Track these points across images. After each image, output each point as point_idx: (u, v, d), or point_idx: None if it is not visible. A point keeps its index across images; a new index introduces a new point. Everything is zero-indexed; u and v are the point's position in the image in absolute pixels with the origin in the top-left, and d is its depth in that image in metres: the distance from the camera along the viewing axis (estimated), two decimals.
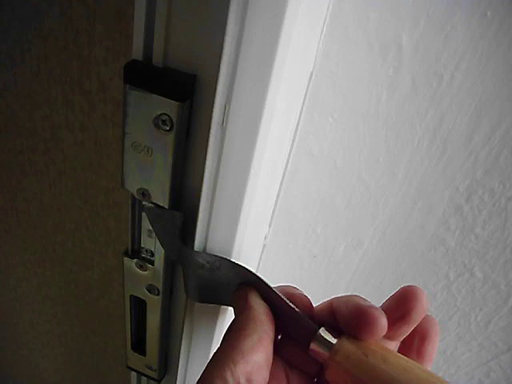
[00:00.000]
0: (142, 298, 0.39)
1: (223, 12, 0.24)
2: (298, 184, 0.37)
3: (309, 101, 0.33)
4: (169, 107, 0.28)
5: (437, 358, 0.44)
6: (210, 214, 0.30)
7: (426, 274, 0.39)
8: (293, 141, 0.35)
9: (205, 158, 0.28)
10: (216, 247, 0.32)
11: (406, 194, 0.36)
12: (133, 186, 0.32)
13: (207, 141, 0.27)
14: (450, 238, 0.37)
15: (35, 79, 0.56)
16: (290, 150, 0.35)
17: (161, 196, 0.32)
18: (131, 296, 0.40)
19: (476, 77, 0.31)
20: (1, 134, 0.62)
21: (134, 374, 0.50)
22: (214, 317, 0.36)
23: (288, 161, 0.36)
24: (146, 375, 0.46)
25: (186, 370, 0.43)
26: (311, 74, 0.32)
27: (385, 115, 0.33)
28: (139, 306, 0.41)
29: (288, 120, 0.31)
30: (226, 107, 0.25)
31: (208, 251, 0.32)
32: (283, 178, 0.37)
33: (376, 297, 0.43)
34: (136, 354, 0.45)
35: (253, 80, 0.24)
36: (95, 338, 0.74)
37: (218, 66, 0.25)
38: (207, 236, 0.31)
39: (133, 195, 0.33)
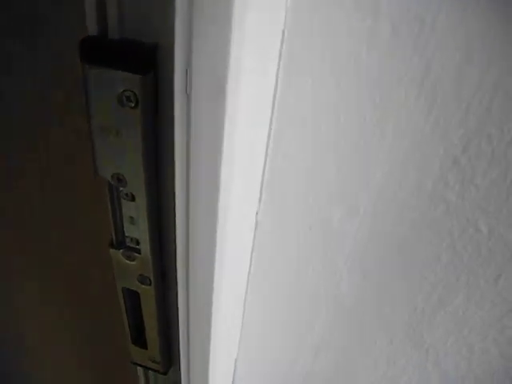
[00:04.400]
0: (135, 289, 0.38)
1: None
2: (283, 153, 0.35)
3: (284, 62, 0.31)
4: (131, 82, 0.26)
5: (447, 321, 0.43)
6: (188, 193, 0.28)
7: (428, 234, 0.38)
8: (272, 109, 0.33)
9: (173, 133, 0.26)
10: (198, 224, 0.30)
11: (397, 151, 0.34)
12: (107, 171, 0.30)
13: (173, 112, 0.25)
14: (449, 194, 0.35)
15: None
16: (271, 117, 0.33)
17: (136, 179, 0.30)
18: (123, 288, 0.38)
19: (461, 17, 0.29)
20: None
21: (140, 369, 0.49)
22: (209, 301, 0.35)
23: (270, 129, 0.33)
24: (150, 368, 0.45)
25: (188, 359, 0.41)
26: (283, 33, 0.30)
27: (367, 69, 0.31)
28: (134, 299, 0.39)
29: (262, 81, 0.29)
30: (187, 72, 0.23)
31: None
32: (267, 148, 0.35)
33: (378, 266, 0.41)
34: (138, 348, 0.44)
35: (213, 39, 0.22)
36: (99, 337, 0.73)
37: (173, 28, 0.22)
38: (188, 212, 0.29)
39: (109, 182, 0.31)
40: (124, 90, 0.26)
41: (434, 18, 0.29)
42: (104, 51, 0.26)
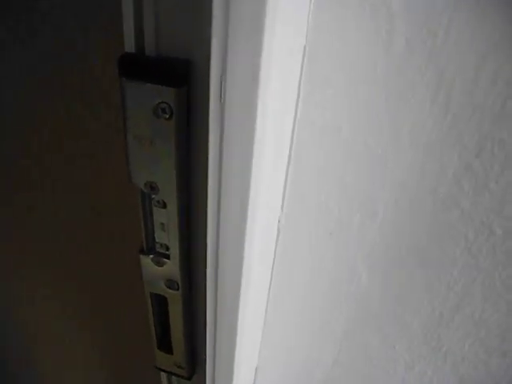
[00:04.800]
0: (163, 294, 0.39)
1: (205, 4, 0.23)
2: (305, 160, 0.37)
3: (306, 73, 0.33)
4: (166, 95, 0.28)
5: (465, 322, 0.44)
6: (219, 201, 0.30)
7: (443, 237, 0.39)
8: (295, 118, 0.35)
9: (207, 138, 0.28)
10: (228, 231, 0.32)
11: (413, 156, 0.35)
12: (140, 179, 0.32)
13: (207, 123, 0.27)
14: (463, 198, 0.36)
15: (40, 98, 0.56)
16: (294, 127, 0.35)
17: (169, 187, 0.31)
18: (151, 294, 0.40)
19: (471, 30, 0.30)
20: (8, 154, 0.63)
21: (163, 374, 0.50)
22: (236, 307, 0.36)
23: (293, 137, 0.35)
24: (175, 374, 0.46)
25: (214, 365, 0.42)
26: (305, 48, 0.32)
27: (383, 78, 0.32)
28: (161, 304, 0.41)
29: (287, 92, 0.31)
30: (221, 84, 0.25)
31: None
32: (289, 156, 0.37)
33: (396, 268, 0.42)
34: (163, 353, 0.45)
35: (245, 53, 0.24)
36: (122, 342, 0.74)
37: (209, 46, 0.24)
38: (219, 218, 0.31)
39: (142, 190, 0.33)
40: (159, 103, 0.28)
41: (445, 31, 0.31)
42: (141, 67, 0.28)
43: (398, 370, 0.49)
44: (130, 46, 0.29)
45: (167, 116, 0.28)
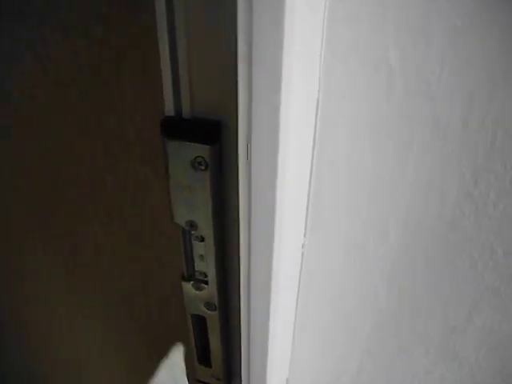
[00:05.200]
0: (202, 314, 0.45)
1: (231, 76, 0.29)
2: (323, 193, 0.42)
3: (321, 119, 0.38)
4: (202, 151, 0.33)
5: (477, 333, 0.47)
6: (249, 236, 0.35)
7: (451, 255, 0.43)
8: (312, 153, 0.40)
9: (237, 187, 0.33)
10: (257, 260, 0.37)
11: (417, 186, 0.40)
12: (181, 219, 0.38)
13: (237, 173, 0.32)
14: (465, 222, 0.41)
15: (79, 136, 0.63)
16: (312, 165, 0.40)
17: (206, 224, 0.37)
18: (192, 314, 0.45)
19: (460, 72, 0.35)
20: (52, 187, 0.69)
21: None
22: (267, 324, 0.41)
23: (311, 174, 0.40)
24: None
25: (248, 377, 0.47)
26: (317, 100, 0.37)
27: (386, 118, 0.37)
28: (200, 323, 0.46)
29: (303, 140, 0.36)
30: (248, 146, 0.30)
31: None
32: (309, 190, 0.42)
33: (411, 283, 0.47)
34: (203, 367, 0.50)
35: (267, 115, 0.30)
36: (158, 358, 0.80)
37: (237, 112, 0.30)
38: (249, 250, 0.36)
39: (183, 227, 0.38)
40: (196, 157, 0.34)
41: (438, 77, 0.35)
42: (179, 127, 0.34)
43: (416, 377, 0.53)
44: (169, 109, 0.35)
45: (203, 168, 0.34)
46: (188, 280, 0.42)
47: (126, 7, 0.47)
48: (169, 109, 0.35)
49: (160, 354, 0.76)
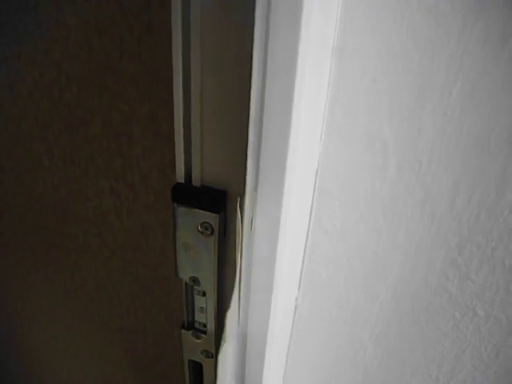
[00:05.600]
0: (199, 361, 0.47)
1: (242, 149, 0.32)
2: (318, 253, 0.45)
3: (318, 190, 0.41)
4: (209, 217, 0.36)
5: None
6: (248, 299, 0.38)
7: (435, 316, 0.46)
8: (309, 222, 0.43)
9: (241, 252, 0.36)
10: (255, 312, 0.40)
11: (407, 254, 0.43)
12: (185, 275, 0.40)
13: (241, 240, 0.35)
14: (450, 286, 0.44)
15: (85, 175, 0.66)
16: (308, 229, 0.43)
17: (209, 281, 0.40)
18: (189, 360, 0.48)
19: (449, 157, 0.38)
20: (58, 222, 0.72)
21: None
22: (260, 373, 0.44)
23: (307, 241, 0.43)
24: None
25: None
26: (317, 171, 0.40)
27: (380, 195, 0.41)
28: (196, 368, 0.48)
29: (302, 212, 0.39)
30: (252, 220, 0.33)
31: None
32: (305, 250, 0.45)
33: (397, 340, 0.49)
34: None
35: (271, 192, 0.33)
36: None
37: (244, 187, 0.33)
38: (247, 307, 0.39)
39: (186, 282, 0.41)
40: (203, 222, 0.37)
41: (428, 159, 0.39)
42: (190, 194, 0.37)
43: None
44: (180, 177, 0.38)
45: (209, 232, 0.37)
46: (188, 329, 0.45)
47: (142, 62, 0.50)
48: (179, 176, 0.38)
49: None
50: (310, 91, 0.33)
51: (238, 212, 0.33)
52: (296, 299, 0.48)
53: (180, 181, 0.38)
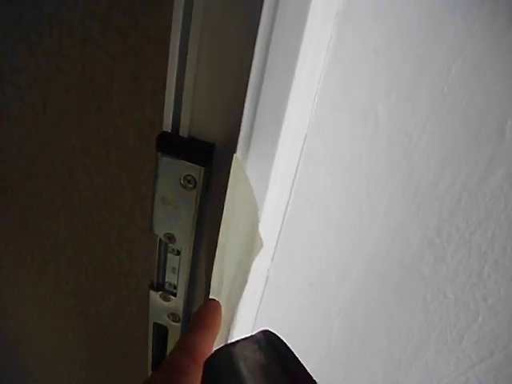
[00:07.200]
0: (165, 324, 0.45)
1: (240, 100, 0.31)
2: (296, 224, 0.44)
3: (304, 155, 0.40)
4: (194, 170, 0.35)
5: (420, 370, 0.51)
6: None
7: (406, 298, 0.46)
8: (291, 188, 0.42)
9: (222, 206, 0.34)
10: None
11: (385, 231, 0.43)
12: (160, 231, 0.39)
13: (225, 196, 0.34)
14: (424, 267, 0.44)
15: (55, 128, 0.63)
16: (289, 196, 0.42)
17: (185, 239, 0.38)
18: (154, 324, 0.46)
19: (439, 137, 0.38)
20: (21, 177, 0.68)
21: None
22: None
23: (287, 208, 0.42)
24: None
25: None
26: (306, 136, 0.39)
27: (365, 168, 0.40)
28: (161, 333, 0.47)
29: (287, 175, 0.38)
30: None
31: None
32: (283, 219, 0.44)
33: (364, 319, 0.49)
34: None
35: (264, 152, 0.32)
36: (110, 363, 0.79)
37: (231, 135, 0.32)
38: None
39: (160, 239, 0.40)
40: (186, 175, 0.35)
41: (418, 136, 0.38)
42: (175, 144, 0.35)
43: None
44: (167, 125, 0.36)
45: (191, 186, 0.35)
46: (157, 290, 0.43)
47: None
48: (167, 124, 0.36)
49: (117, 355, 0.76)
50: (313, 53, 0.32)
51: (234, 166, 0.32)
52: (268, 270, 0.47)
53: (166, 130, 0.36)
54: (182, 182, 0.36)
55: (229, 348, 0.26)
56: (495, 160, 0.38)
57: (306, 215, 0.43)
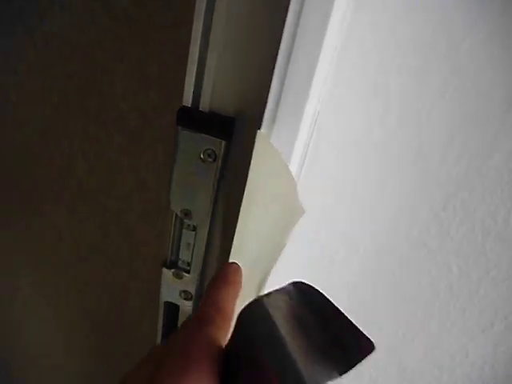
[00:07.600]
0: (176, 303, 0.46)
1: (266, 74, 0.31)
2: (305, 199, 0.45)
3: (316, 132, 0.41)
4: (214, 144, 0.35)
5: (424, 341, 0.52)
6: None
7: (411, 271, 0.47)
8: (302, 164, 0.43)
9: (242, 182, 0.35)
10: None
11: (392, 205, 0.44)
12: (177, 207, 0.39)
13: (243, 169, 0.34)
14: (430, 241, 0.45)
15: (55, 113, 0.62)
16: (300, 171, 0.43)
17: (202, 216, 0.39)
18: (165, 302, 0.46)
19: (447, 113, 0.39)
20: (19, 164, 0.68)
21: None
22: None
23: (298, 180, 0.43)
24: None
25: None
26: (318, 112, 0.40)
27: (376, 143, 0.41)
28: (172, 311, 0.47)
29: (301, 149, 0.39)
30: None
31: None
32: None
33: (370, 294, 0.51)
34: None
35: (288, 128, 0.32)
36: (117, 351, 0.79)
37: (253, 110, 0.32)
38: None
39: (176, 214, 0.40)
40: (206, 149, 0.36)
41: (428, 112, 0.40)
42: (196, 119, 0.36)
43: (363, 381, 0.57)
44: (187, 100, 0.36)
45: (211, 160, 0.36)
46: (169, 267, 0.43)
47: None
48: (187, 99, 0.36)
49: (125, 337, 0.76)
50: (334, 31, 0.33)
51: (259, 140, 0.32)
52: None
53: (186, 104, 0.36)
54: (201, 156, 0.36)
55: (262, 298, 0.26)
56: (500, 136, 0.40)
57: (315, 190, 0.44)
